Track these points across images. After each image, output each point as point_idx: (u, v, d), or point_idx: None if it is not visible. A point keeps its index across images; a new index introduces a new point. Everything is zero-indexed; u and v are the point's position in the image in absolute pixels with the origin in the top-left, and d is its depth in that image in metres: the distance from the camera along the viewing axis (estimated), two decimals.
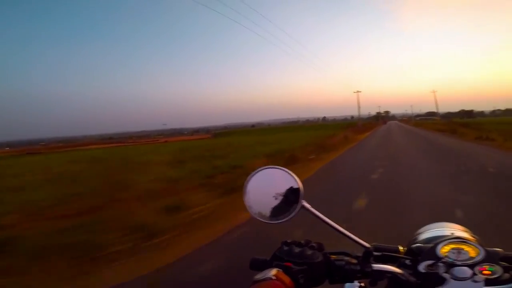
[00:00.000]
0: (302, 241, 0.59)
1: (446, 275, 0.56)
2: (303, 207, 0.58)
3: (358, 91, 52.36)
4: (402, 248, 0.68)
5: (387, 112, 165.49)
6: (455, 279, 0.55)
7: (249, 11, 27.23)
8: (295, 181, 0.59)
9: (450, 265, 0.58)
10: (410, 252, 0.65)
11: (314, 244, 0.59)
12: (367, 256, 0.59)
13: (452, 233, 0.67)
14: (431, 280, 0.57)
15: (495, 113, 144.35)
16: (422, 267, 0.59)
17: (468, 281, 0.56)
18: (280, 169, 0.61)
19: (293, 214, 0.57)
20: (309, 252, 0.57)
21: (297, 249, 0.57)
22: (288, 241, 0.59)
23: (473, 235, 0.70)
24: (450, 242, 0.61)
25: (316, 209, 0.58)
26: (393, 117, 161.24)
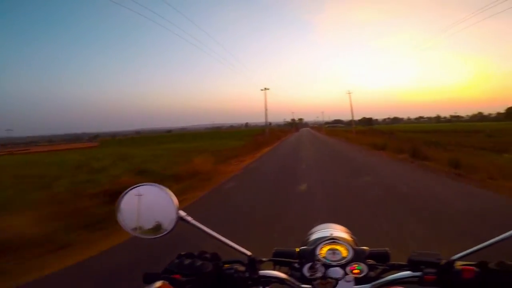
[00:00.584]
0: (196, 253, 0.61)
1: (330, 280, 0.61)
2: (182, 219, 0.60)
3: (265, 88, 39.01)
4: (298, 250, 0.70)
5: (300, 119, 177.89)
6: (335, 280, 0.61)
7: (167, 9, 21.65)
8: (169, 196, 0.60)
9: (327, 266, 0.62)
10: (298, 255, 0.68)
11: (207, 255, 0.61)
12: (252, 264, 0.62)
13: (331, 234, 0.70)
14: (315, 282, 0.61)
15: (385, 121, 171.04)
16: (305, 270, 0.62)
17: (342, 281, 0.61)
18: (154, 185, 0.62)
19: (171, 227, 0.59)
20: (199, 263, 0.58)
21: (187, 261, 0.58)
22: (182, 253, 0.61)
23: (352, 236, 0.76)
24: (327, 243, 0.65)
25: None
26: (306, 124, 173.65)
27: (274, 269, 0.65)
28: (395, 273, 0.61)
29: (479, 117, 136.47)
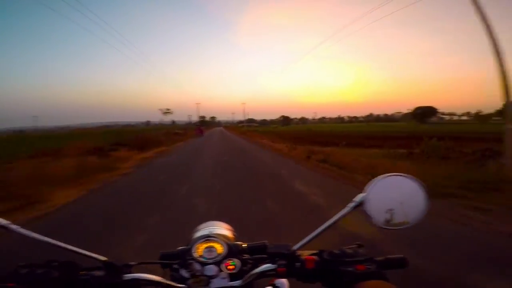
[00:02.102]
0: (42, 262, 0.57)
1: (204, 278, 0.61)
2: (3, 227, 0.56)
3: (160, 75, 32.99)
4: None
5: (213, 118, 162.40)
6: (209, 278, 0.61)
7: None
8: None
9: (203, 264, 0.63)
10: (178, 255, 0.67)
11: (56, 263, 0.57)
12: (111, 268, 0.59)
13: (210, 232, 0.69)
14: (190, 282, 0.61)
15: (294, 121, 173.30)
16: (182, 270, 0.63)
17: (218, 278, 0.62)
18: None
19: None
20: (41, 271, 0.55)
21: (25, 270, 0.55)
22: (22, 264, 0.56)
23: (234, 232, 0.75)
24: (203, 241, 0.65)
25: None
26: (219, 124, 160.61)
27: (163, 272, 0.64)
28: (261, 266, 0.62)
29: (373, 118, 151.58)
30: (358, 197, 0.62)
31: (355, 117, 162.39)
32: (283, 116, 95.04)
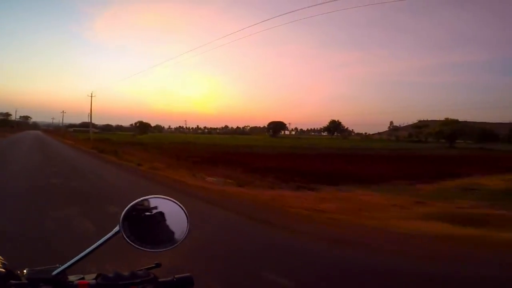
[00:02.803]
0: None
1: None
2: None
3: None
4: None
5: (26, 117, 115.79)
6: None
7: None
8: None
9: None
10: None
11: None
12: None
13: None
14: None
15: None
16: None
17: None
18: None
19: None
20: None
21: None
22: None
23: (3, 261, 0.66)
24: None
25: None
26: (36, 126, 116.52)
27: None
28: None
29: (229, 130, 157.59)
30: (119, 223, 0.62)
31: (211, 128, 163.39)
32: (140, 122, 77.46)
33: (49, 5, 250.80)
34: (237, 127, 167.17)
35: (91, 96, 39.18)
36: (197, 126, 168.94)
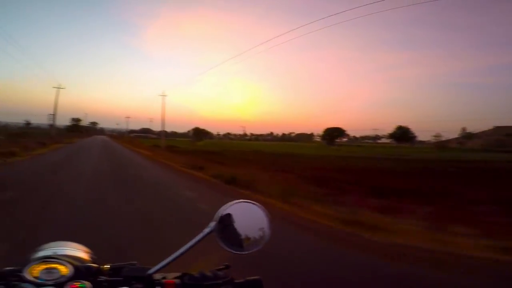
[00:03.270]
0: None
1: None
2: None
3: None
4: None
5: (94, 123, 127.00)
6: None
7: None
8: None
9: (40, 286, 0.57)
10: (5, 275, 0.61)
11: None
12: None
13: (55, 252, 0.65)
14: None
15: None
16: None
17: None
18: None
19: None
20: None
21: None
22: None
23: (91, 255, 0.71)
24: (41, 262, 0.60)
25: None
26: (102, 131, 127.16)
27: None
28: None
29: (274, 137, 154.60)
30: (211, 224, 0.66)
31: (259, 135, 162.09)
32: (196, 129, 78.96)
33: (109, 22, 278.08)
34: (283, 133, 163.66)
35: (163, 96, 36.13)
36: (244, 132, 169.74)
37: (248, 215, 0.68)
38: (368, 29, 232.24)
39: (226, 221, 0.66)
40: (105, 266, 0.66)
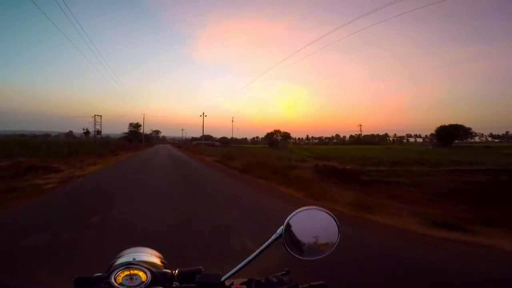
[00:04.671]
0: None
1: None
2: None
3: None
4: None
5: (157, 131, 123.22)
6: None
7: None
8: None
9: None
10: (96, 281, 0.63)
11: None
12: None
13: (134, 259, 0.67)
14: None
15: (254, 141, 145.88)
16: None
17: None
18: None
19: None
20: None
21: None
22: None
23: (163, 260, 0.74)
24: (124, 269, 0.63)
25: None
26: (164, 140, 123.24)
27: None
28: None
29: (340, 140, 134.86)
30: (279, 230, 0.65)
31: (327, 138, 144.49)
32: (270, 134, 67.76)
33: (164, 34, 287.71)
34: (350, 135, 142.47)
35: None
36: (307, 136, 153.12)
37: (317, 223, 0.66)
38: (424, 24, 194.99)
39: (294, 227, 0.65)
40: (174, 271, 0.68)
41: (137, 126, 65.42)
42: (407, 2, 29.40)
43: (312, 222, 0.65)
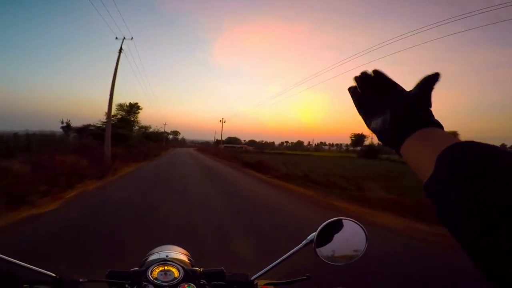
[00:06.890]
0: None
1: None
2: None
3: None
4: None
5: (175, 132, 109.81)
6: None
7: None
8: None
9: (157, 287, 0.63)
10: (131, 276, 0.66)
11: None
12: (57, 283, 0.61)
13: (167, 256, 0.72)
14: None
15: (284, 146, 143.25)
16: None
17: None
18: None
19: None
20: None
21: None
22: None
23: (190, 258, 0.78)
24: (159, 265, 0.66)
25: None
26: (184, 142, 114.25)
27: None
28: None
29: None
30: (311, 236, 0.67)
31: (342, 145, 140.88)
32: (357, 136, 70.32)
33: (184, 40, 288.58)
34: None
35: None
36: (321, 142, 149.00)
37: (347, 231, 0.67)
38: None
39: (325, 234, 0.66)
40: (199, 269, 0.70)
41: (146, 127, 38.77)
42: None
43: (342, 231, 0.67)
